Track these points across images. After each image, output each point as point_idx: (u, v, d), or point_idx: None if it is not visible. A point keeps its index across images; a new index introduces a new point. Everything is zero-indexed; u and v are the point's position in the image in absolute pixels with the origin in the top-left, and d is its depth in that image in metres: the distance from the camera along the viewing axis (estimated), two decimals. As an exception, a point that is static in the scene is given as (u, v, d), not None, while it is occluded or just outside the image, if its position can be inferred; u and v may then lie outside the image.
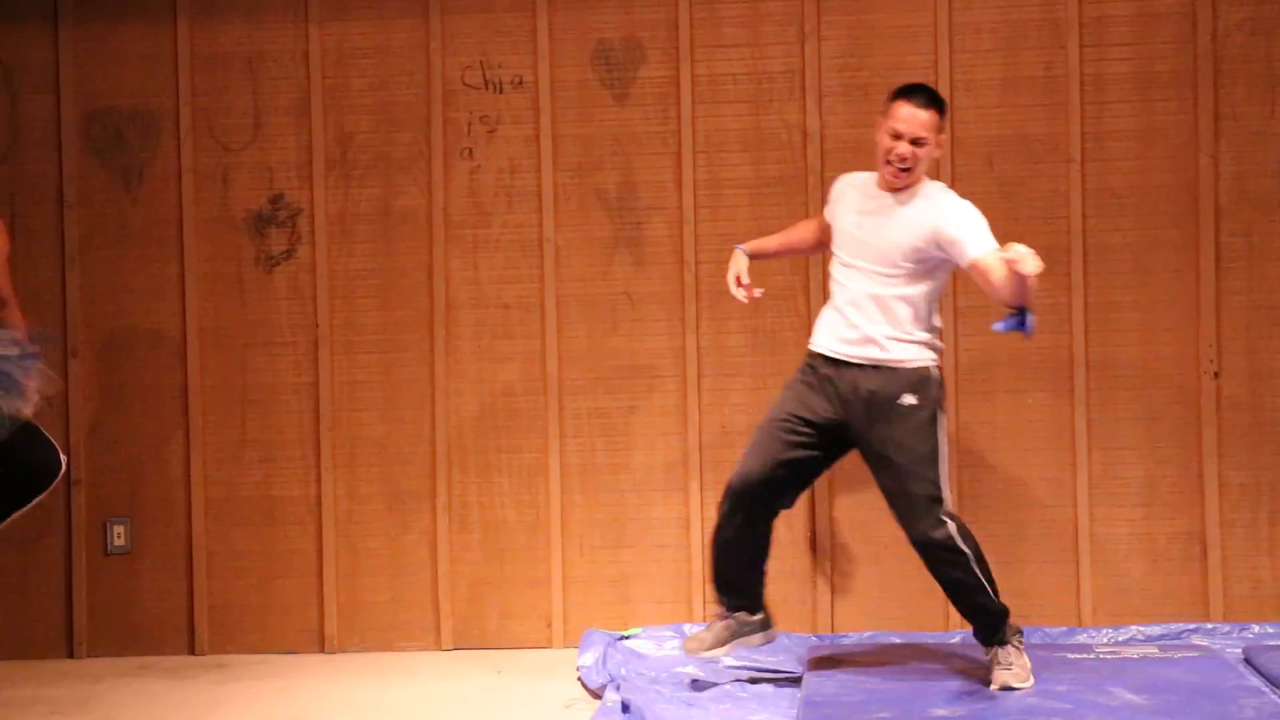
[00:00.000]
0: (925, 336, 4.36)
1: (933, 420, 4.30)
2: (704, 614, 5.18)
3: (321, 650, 5.29)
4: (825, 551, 5.23)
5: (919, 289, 4.32)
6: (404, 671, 5.04)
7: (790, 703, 4.35)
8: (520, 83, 5.27)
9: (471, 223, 5.29)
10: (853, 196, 4.47)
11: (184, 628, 5.32)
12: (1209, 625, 5.07)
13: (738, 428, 5.20)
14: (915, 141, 4.33)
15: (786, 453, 4.38)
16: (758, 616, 4.54)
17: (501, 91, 5.28)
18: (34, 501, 4.80)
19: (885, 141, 4.40)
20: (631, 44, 5.26)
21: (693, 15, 5.22)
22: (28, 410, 4.65)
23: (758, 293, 4.47)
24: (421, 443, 5.29)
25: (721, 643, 4.52)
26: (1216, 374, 5.00)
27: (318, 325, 5.30)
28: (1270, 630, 5.00)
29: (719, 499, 4.56)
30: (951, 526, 4.26)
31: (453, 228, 5.29)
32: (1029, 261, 4.02)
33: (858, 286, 4.34)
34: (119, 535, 5.33)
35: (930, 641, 5.02)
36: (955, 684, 4.39)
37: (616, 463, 5.29)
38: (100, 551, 5.33)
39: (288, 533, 5.32)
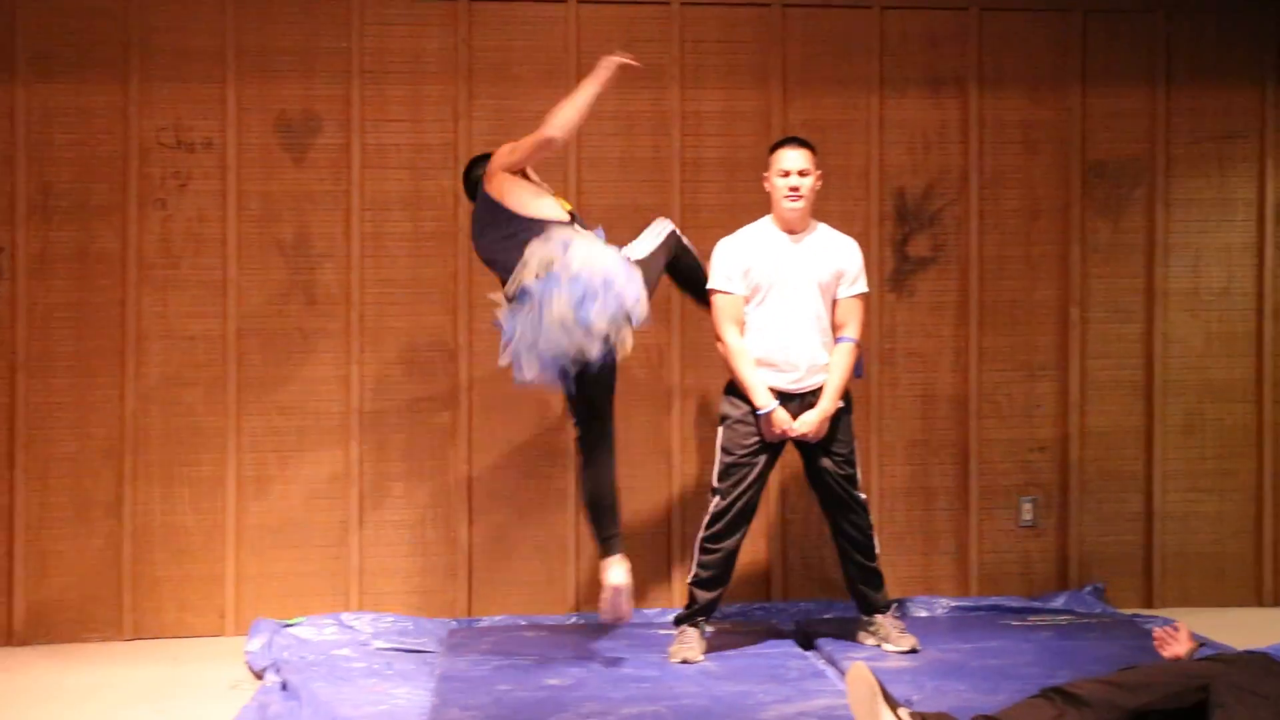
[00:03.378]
0: None
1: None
2: (359, 604, 5.57)
3: (9, 644, 5.41)
4: (464, 549, 5.65)
5: None
6: (86, 660, 5.18)
7: (430, 678, 4.65)
8: (210, 144, 5.56)
9: (163, 264, 5.54)
10: None
11: None
12: (769, 603, 5.70)
13: (393, 444, 5.64)
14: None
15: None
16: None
17: (193, 151, 5.56)
18: None
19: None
20: (309, 115, 5.62)
21: (363, 94, 5.62)
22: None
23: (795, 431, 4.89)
24: (111, 458, 5.50)
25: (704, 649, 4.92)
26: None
27: (15, 353, 5.49)
28: (815, 606, 5.60)
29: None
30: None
31: (145, 268, 5.53)
32: None
33: None
34: None
35: (550, 622, 5.50)
36: (568, 655, 4.84)
37: (288, 475, 5.59)
38: None
39: (-23, 538, 5.37)
